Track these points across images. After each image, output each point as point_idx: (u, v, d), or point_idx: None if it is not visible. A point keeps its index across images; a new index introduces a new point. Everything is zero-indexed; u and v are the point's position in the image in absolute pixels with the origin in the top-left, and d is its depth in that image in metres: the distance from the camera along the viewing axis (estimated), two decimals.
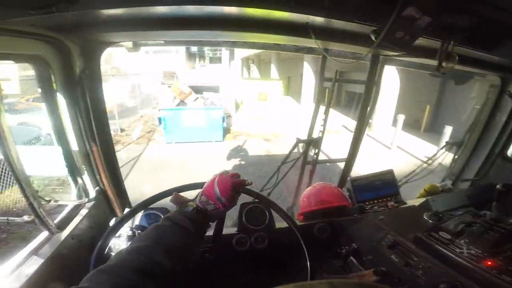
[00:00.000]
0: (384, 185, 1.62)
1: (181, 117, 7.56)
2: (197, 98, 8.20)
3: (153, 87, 14.62)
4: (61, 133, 1.09)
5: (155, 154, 6.98)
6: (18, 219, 1.00)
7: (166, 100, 8.18)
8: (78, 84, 1.06)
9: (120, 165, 1.41)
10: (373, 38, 0.81)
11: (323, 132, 1.93)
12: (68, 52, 1.00)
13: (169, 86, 8.39)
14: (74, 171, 1.17)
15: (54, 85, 1.01)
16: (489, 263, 0.90)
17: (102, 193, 1.29)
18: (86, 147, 1.17)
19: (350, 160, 1.91)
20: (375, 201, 1.59)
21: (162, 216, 1.16)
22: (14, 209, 3.75)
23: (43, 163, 1.09)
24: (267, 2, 0.79)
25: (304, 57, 12.57)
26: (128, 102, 11.92)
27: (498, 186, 0.64)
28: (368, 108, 1.73)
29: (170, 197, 0.85)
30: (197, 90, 8.48)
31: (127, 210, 1.34)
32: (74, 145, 1.14)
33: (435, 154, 2.08)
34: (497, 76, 1.59)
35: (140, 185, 4.31)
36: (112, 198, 1.32)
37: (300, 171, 2.18)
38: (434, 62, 0.98)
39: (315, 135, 1.99)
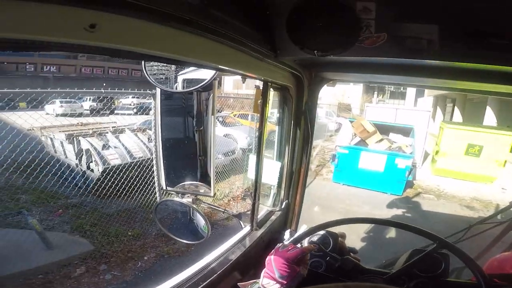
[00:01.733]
0: None
1: (357, 158, 7.07)
2: (382, 139, 7.55)
3: (327, 119, 15.32)
4: (283, 151, 1.40)
5: (320, 191, 6.90)
6: (230, 211, 1.34)
7: (345, 135, 8.00)
8: (303, 113, 1.33)
9: None
10: None
11: None
12: (303, 84, 1.27)
13: (351, 121, 8.31)
14: (279, 183, 1.45)
15: (292, 112, 1.30)
16: None
17: (287, 206, 1.52)
18: (293, 166, 1.44)
19: None
20: None
21: (330, 238, 1.26)
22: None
23: (269, 173, 1.39)
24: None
25: None
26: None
27: None
28: None
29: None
30: (383, 129, 7.88)
31: (304, 226, 1.49)
32: (285, 163, 1.41)
33: None
34: None
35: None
36: (291, 213, 1.54)
37: (500, 234, 2.01)
38: None
39: None
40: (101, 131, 6.11)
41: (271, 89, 1.18)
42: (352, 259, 1.12)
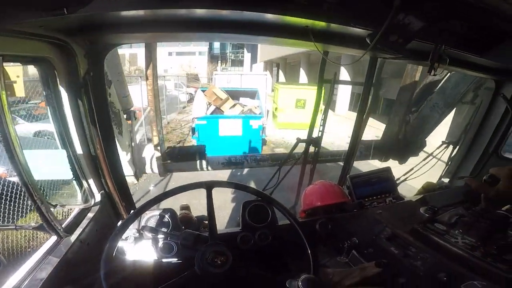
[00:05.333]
0: (381, 182, 1.76)
1: (217, 127, 7.12)
2: (235, 104, 7.95)
3: (177, 90, 15.05)
4: (65, 136, 1.17)
5: (187, 172, 6.37)
6: (25, 225, 1.10)
7: (200, 106, 7.80)
8: (83, 87, 1.13)
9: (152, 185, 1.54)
10: (368, 41, 0.88)
11: (322, 131, 2.16)
12: (73, 54, 1.07)
13: (203, 90, 8.27)
14: (79, 175, 1.25)
15: (59, 87, 1.09)
16: (483, 251, 1.00)
17: (107, 196, 1.38)
18: (91, 151, 1.25)
19: (349, 159, 2.11)
20: (374, 198, 1.72)
21: (167, 216, 1.28)
22: None
23: (50, 167, 1.18)
24: (269, 7, 0.86)
25: (341, 61, 12.20)
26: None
27: (484, 178, 0.74)
28: (367, 109, 1.97)
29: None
30: (233, 95, 8.28)
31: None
32: (78, 149, 1.21)
33: (432, 153, 2.31)
34: (491, 78, 1.78)
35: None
36: (117, 202, 1.41)
37: (301, 170, 2.38)
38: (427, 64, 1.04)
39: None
40: None
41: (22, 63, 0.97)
42: (191, 232, 1.09)
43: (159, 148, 2.14)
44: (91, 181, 1.31)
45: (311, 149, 2.25)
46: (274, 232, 1.37)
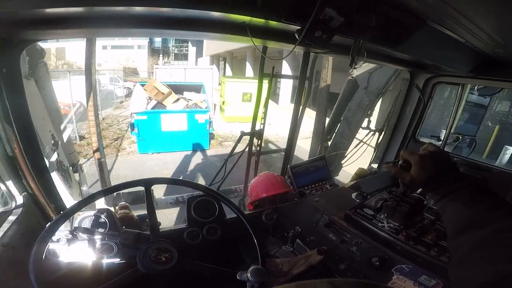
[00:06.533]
0: (318, 170, 1.90)
1: (158, 122, 6.95)
2: (178, 99, 7.77)
3: (113, 85, 14.17)
4: None
5: (128, 170, 6.15)
6: None
7: (139, 100, 7.50)
8: None
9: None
10: (296, 36, 0.95)
11: (263, 124, 2.27)
12: None
13: (143, 84, 7.93)
14: None
15: None
16: (405, 234, 1.10)
17: (31, 198, 1.27)
18: (7, 151, 1.14)
19: (289, 150, 2.22)
20: (313, 186, 1.84)
21: (103, 216, 1.23)
22: None
23: None
24: (207, 4, 0.88)
25: (282, 56, 12.64)
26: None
27: (400, 163, 0.73)
28: (302, 101, 2.10)
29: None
30: (176, 89, 8.12)
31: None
32: None
33: (361, 141, 2.59)
34: (406, 70, 1.97)
35: None
36: (43, 203, 1.30)
37: (247, 163, 2.46)
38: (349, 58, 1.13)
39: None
40: None
41: None
42: (131, 231, 1.07)
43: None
44: (9, 183, 1.18)
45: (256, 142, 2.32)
46: (222, 226, 1.37)
